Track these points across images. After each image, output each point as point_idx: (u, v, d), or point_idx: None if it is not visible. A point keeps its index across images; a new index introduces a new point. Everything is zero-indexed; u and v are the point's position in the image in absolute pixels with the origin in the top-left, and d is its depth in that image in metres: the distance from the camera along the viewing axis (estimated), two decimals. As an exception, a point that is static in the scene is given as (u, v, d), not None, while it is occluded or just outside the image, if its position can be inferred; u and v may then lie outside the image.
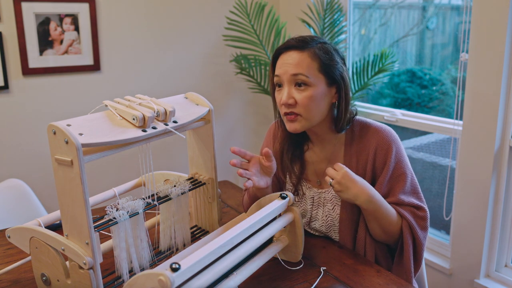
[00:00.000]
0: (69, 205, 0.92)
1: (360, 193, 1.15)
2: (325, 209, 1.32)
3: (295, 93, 1.19)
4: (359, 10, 2.73)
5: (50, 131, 0.89)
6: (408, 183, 1.25)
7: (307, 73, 1.18)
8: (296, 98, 1.19)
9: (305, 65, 1.18)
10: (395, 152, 1.24)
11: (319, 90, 1.20)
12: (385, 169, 1.23)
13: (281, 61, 1.22)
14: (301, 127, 1.22)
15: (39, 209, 1.98)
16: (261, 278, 1.12)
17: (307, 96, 1.18)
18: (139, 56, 2.68)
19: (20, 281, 1.14)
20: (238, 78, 2.93)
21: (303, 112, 1.19)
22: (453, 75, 2.43)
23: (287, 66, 1.19)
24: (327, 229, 1.32)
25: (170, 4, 2.71)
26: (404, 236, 1.21)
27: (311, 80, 1.18)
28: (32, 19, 2.33)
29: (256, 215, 1.04)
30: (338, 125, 1.26)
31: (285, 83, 1.20)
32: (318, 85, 1.19)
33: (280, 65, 1.21)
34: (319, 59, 1.19)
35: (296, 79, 1.19)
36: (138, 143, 1.00)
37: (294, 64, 1.18)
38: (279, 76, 1.21)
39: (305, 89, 1.18)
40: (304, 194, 1.36)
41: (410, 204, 1.24)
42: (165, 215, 1.16)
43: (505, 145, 1.89)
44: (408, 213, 1.22)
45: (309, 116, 1.20)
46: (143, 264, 1.07)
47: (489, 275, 2.06)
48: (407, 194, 1.24)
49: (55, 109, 2.50)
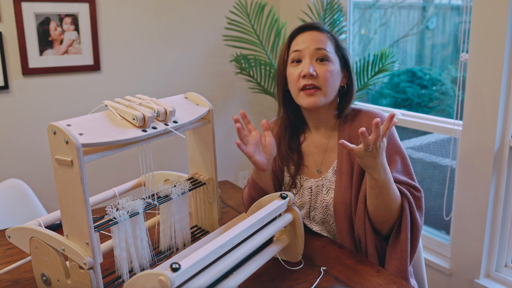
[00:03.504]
0: (69, 205, 0.92)
1: (382, 162, 1.12)
2: (321, 196, 1.33)
3: (316, 66, 1.25)
4: (359, 10, 2.73)
5: (50, 131, 0.89)
6: (399, 163, 1.25)
7: (329, 50, 1.26)
8: (318, 71, 1.24)
9: (326, 42, 1.27)
10: None
11: (337, 68, 1.28)
12: None
13: (300, 39, 1.28)
14: (320, 101, 1.26)
15: (39, 209, 1.98)
16: (261, 278, 1.12)
17: (329, 70, 1.25)
18: (139, 56, 2.68)
19: (20, 281, 1.14)
20: (238, 78, 2.94)
21: (323, 85, 1.25)
22: (453, 75, 2.43)
23: (310, 42, 1.26)
24: (324, 215, 1.32)
25: (170, 4, 2.71)
26: (404, 213, 1.20)
27: (332, 56, 1.26)
28: (32, 19, 2.33)
29: (256, 215, 1.04)
30: (343, 110, 1.32)
31: (306, 57, 1.26)
32: (335, 63, 1.27)
33: (301, 42, 1.27)
34: (336, 41, 1.30)
35: (318, 54, 1.25)
36: (138, 143, 1.00)
37: (316, 40, 1.26)
38: (300, 51, 1.27)
39: (326, 64, 1.25)
40: (302, 186, 1.37)
41: (405, 182, 1.23)
42: (165, 215, 1.16)
43: (505, 145, 1.89)
44: (406, 190, 1.22)
45: (327, 91, 1.26)
46: (143, 264, 1.07)
47: (489, 275, 2.06)
48: (401, 173, 1.24)
49: (55, 109, 2.50)
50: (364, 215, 1.23)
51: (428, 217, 2.43)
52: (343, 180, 1.28)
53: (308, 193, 1.35)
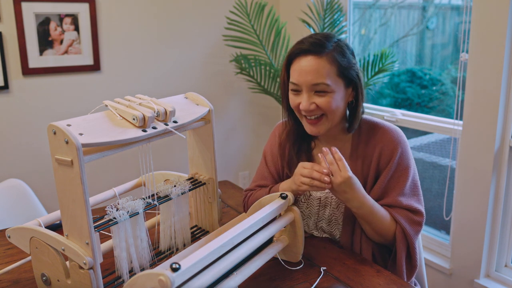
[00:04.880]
0: (69, 205, 0.92)
1: (352, 198, 1.15)
2: (330, 207, 1.31)
3: (315, 98, 1.18)
4: (359, 10, 2.73)
5: (50, 131, 0.89)
6: (408, 185, 1.24)
7: (328, 81, 1.16)
8: (317, 103, 1.18)
9: (325, 72, 1.16)
10: (400, 153, 1.23)
11: (339, 94, 1.19)
12: (387, 169, 1.23)
13: (297, 66, 1.19)
14: (324, 129, 1.22)
15: (39, 209, 1.97)
16: (261, 278, 1.12)
17: (328, 101, 1.17)
18: (139, 56, 2.68)
19: (20, 281, 1.14)
20: (238, 78, 2.93)
21: (327, 112, 1.19)
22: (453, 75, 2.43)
23: (306, 75, 1.16)
24: (331, 228, 1.32)
25: (170, 4, 2.71)
26: (397, 242, 1.21)
27: (332, 86, 1.17)
28: (32, 19, 2.33)
29: (256, 215, 1.04)
30: (352, 124, 1.25)
31: (303, 90, 1.19)
32: (337, 89, 1.18)
33: (298, 73, 1.18)
34: (338, 63, 1.17)
35: (317, 88, 1.17)
36: (138, 143, 1.00)
37: (313, 71, 1.16)
38: (297, 84, 1.19)
39: (325, 95, 1.17)
40: (311, 195, 1.33)
41: (408, 208, 1.23)
42: (165, 215, 1.16)
43: (505, 145, 1.89)
44: (403, 218, 1.21)
45: (332, 117, 1.20)
46: (143, 264, 1.07)
47: (489, 275, 2.06)
48: (406, 196, 1.23)
49: (55, 109, 2.50)
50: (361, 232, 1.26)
51: (428, 217, 2.43)
52: None
53: (316, 203, 1.32)
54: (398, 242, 1.20)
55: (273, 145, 1.40)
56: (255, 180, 1.42)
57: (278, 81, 2.62)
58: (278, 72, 2.58)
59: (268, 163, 1.40)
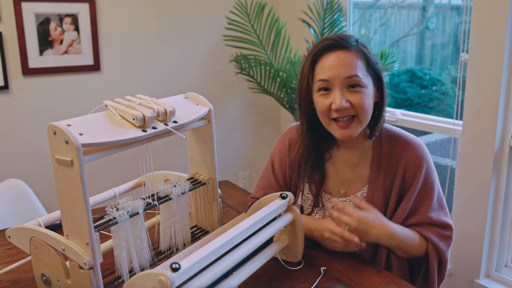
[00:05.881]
0: (69, 205, 0.92)
1: (380, 234, 1.12)
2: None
3: (348, 96, 1.11)
4: (359, 10, 2.73)
5: (50, 131, 0.89)
6: (435, 199, 1.21)
7: (360, 74, 1.10)
8: (352, 101, 1.10)
9: (356, 65, 1.10)
10: (425, 169, 1.19)
11: (371, 90, 1.13)
12: (413, 186, 1.19)
13: (326, 63, 1.12)
14: (356, 132, 1.14)
15: (39, 209, 1.97)
16: (261, 278, 1.12)
17: (362, 97, 1.10)
18: (139, 56, 2.68)
19: (20, 281, 1.14)
20: (238, 78, 2.93)
21: (360, 113, 1.12)
22: (453, 75, 2.43)
23: (339, 69, 1.09)
24: None
25: (170, 4, 2.71)
26: (430, 260, 1.19)
27: (364, 81, 1.11)
28: (32, 19, 2.33)
29: (256, 215, 1.04)
30: (375, 128, 1.19)
31: (336, 87, 1.11)
32: (368, 85, 1.12)
33: (329, 68, 1.11)
34: (366, 57, 1.12)
35: (349, 81, 1.10)
36: (138, 143, 1.00)
37: (346, 65, 1.09)
38: (328, 81, 1.11)
39: (358, 90, 1.10)
40: (324, 205, 1.29)
41: (438, 223, 1.20)
42: (165, 215, 1.16)
43: (505, 145, 1.89)
44: (434, 235, 1.18)
45: (364, 118, 1.13)
46: (143, 264, 1.07)
47: (489, 275, 2.06)
48: (436, 211, 1.20)
49: (55, 109, 2.50)
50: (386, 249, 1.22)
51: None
52: None
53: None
54: (431, 259, 1.19)
55: (282, 153, 1.34)
56: (262, 187, 1.37)
57: (278, 81, 2.62)
58: (278, 72, 2.58)
59: (275, 171, 1.35)
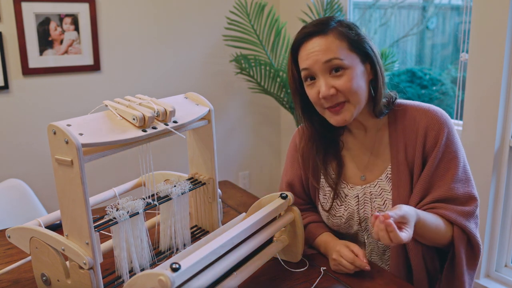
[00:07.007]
0: (69, 205, 0.92)
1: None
2: (374, 205, 1.19)
3: (333, 81, 1.08)
4: (359, 10, 2.73)
5: (50, 131, 0.89)
6: (461, 169, 1.13)
7: (340, 55, 1.07)
8: (337, 86, 1.07)
9: (335, 47, 1.07)
10: (447, 133, 1.12)
11: (357, 70, 1.09)
12: (435, 151, 1.11)
13: (304, 52, 1.10)
14: (351, 115, 1.10)
15: (39, 209, 1.97)
16: (261, 278, 1.12)
17: (348, 80, 1.07)
18: (139, 56, 2.68)
19: (20, 281, 1.14)
20: (238, 78, 2.93)
21: (349, 96, 1.08)
22: (453, 75, 2.43)
23: (315, 55, 1.07)
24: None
25: (170, 4, 2.71)
26: (456, 248, 1.10)
27: (346, 62, 1.07)
28: (32, 19, 2.33)
29: (256, 215, 1.04)
30: (377, 106, 1.13)
31: (318, 74, 1.09)
32: (354, 65, 1.08)
33: (306, 57, 1.09)
34: (346, 37, 1.08)
35: (330, 66, 1.07)
36: (138, 143, 1.00)
37: (322, 50, 1.07)
38: (309, 69, 1.09)
39: (342, 73, 1.07)
40: (347, 195, 1.22)
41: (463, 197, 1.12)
42: (165, 215, 1.16)
43: (505, 145, 1.89)
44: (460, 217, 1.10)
45: (356, 101, 1.09)
46: (143, 264, 1.07)
47: (489, 275, 2.05)
48: (462, 182, 1.13)
49: (55, 109, 2.50)
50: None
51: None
52: (401, 191, 1.14)
53: (355, 202, 1.21)
54: (457, 247, 1.11)
55: (293, 159, 1.31)
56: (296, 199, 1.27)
57: (278, 81, 2.62)
58: (278, 72, 2.58)
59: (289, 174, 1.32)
